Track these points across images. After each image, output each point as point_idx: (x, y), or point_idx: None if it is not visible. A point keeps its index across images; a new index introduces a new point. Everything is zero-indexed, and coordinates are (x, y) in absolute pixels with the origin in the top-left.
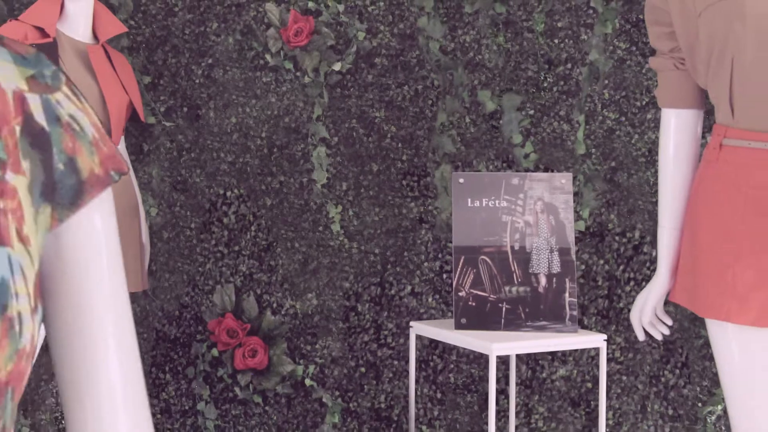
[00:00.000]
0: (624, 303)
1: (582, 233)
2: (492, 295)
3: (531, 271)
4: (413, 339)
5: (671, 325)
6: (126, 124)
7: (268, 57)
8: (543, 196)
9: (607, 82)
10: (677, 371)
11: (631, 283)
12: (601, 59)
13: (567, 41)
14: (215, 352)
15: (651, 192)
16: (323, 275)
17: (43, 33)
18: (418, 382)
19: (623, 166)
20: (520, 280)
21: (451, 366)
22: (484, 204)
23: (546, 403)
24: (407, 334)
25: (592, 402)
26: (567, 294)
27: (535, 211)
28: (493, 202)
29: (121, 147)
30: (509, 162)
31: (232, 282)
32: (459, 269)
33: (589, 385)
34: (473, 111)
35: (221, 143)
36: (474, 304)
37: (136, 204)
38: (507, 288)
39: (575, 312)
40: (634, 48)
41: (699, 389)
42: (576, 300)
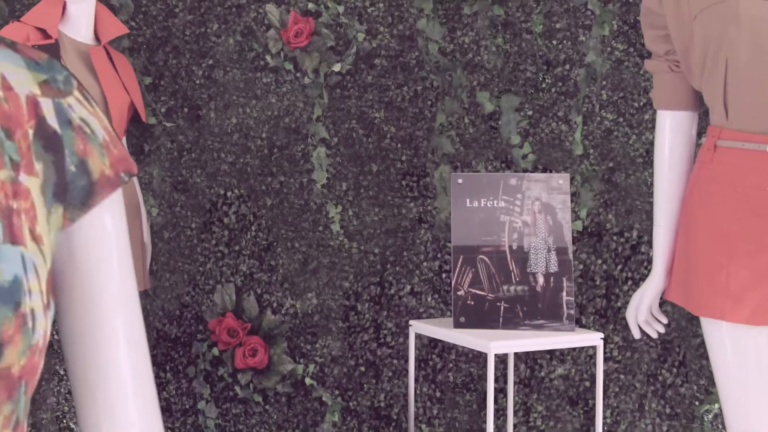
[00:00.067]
0: (622, 302)
1: (580, 233)
2: (490, 294)
3: (529, 271)
4: (412, 338)
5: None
6: (127, 124)
7: (268, 58)
8: (541, 196)
9: (605, 83)
10: (674, 370)
11: (629, 283)
12: (599, 61)
13: (565, 42)
14: (216, 351)
15: (648, 192)
16: (323, 275)
17: (45, 34)
18: (417, 380)
19: (621, 166)
20: (518, 279)
21: (450, 365)
22: (482, 204)
23: (544, 402)
24: (407, 333)
25: (590, 401)
26: (564, 293)
27: (533, 211)
28: (492, 202)
29: None
30: (508, 162)
31: (232, 281)
32: (458, 269)
33: (587, 384)
34: (472, 112)
35: (222, 143)
36: (472, 303)
37: (137, 204)
38: (505, 287)
39: (572, 311)
40: (631, 49)
41: (696, 388)
42: (573, 299)
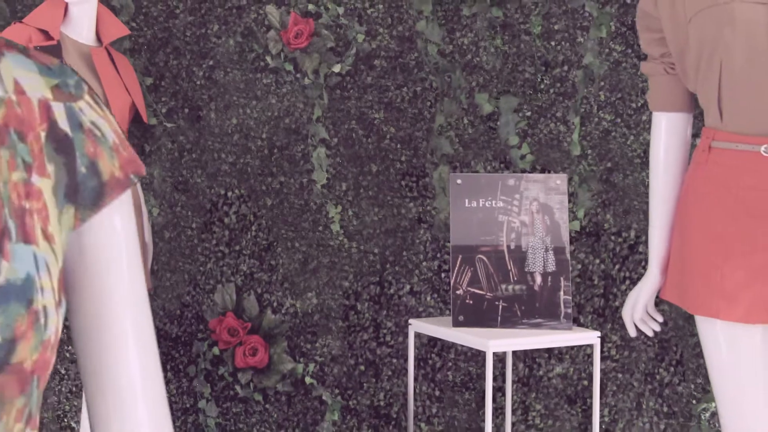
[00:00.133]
0: (619, 302)
1: (578, 233)
2: (489, 294)
3: (527, 270)
4: (412, 336)
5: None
6: (128, 125)
7: (268, 59)
8: (538, 196)
9: (603, 84)
10: (672, 369)
11: (627, 282)
12: (596, 62)
13: (563, 44)
14: (216, 350)
15: (646, 192)
16: (323, 274)
17: (47, 36)
18: (416, 379)
19: (619, 166)
20: (516, 278)
21: (450, 364)
22: (481, 204)
23: (543, 401)
24: (406, 332)
25: (588, 399)
26: (562, 292)
27: (531, 211)
28: (490, 202)
29: None
30: (506, 163)
31: (232, 281)
32: (456, 268)
33: (585, 383)
34: (471, 113)
35: (222, 144)
36: (471, 302)
37: (138, 204)
38: (503, 286)
39: (570, 310)
40: (629, 50)
41: (693, 387)
42: (570, 298)
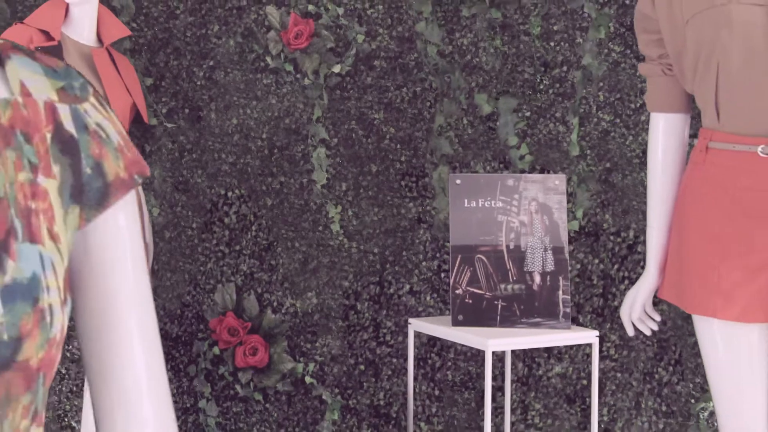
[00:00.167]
0: (618, 301)
1: (577, 233)
2: (488, 293)
3: (526, 270)
4: (411, 336)
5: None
6: (129, 125)
7: (268, 59)
8: (537, 196)
9: (602, 84)
10: (671, 368)
11: (626, 282)
12: (595, 63)
13: (563, 44)
14: (216, 350)
15: (645, 192)
16: (323, 274)
17: (48, 36)
18: (416, 379)
19: (618, 167)
20: (515, 278)
21: (449, 363)
22: (480, 204)
23: (542, 400)
24: (406, 332)
25: (587, 399)
26: (560, 291)
27: (530, 211)
28: (489, 202)
29: None
30: (506, 163)
31: (233, 281)
32: (456, 268)
33: (585, 382)
34: (470, 113)
35: (222, 144)
36: (470, 301)
37: (139, 204)
38: (502, 286)
39: (568, 309)
40: (628, 51)
41: (692, 386)
42: (569, 297)
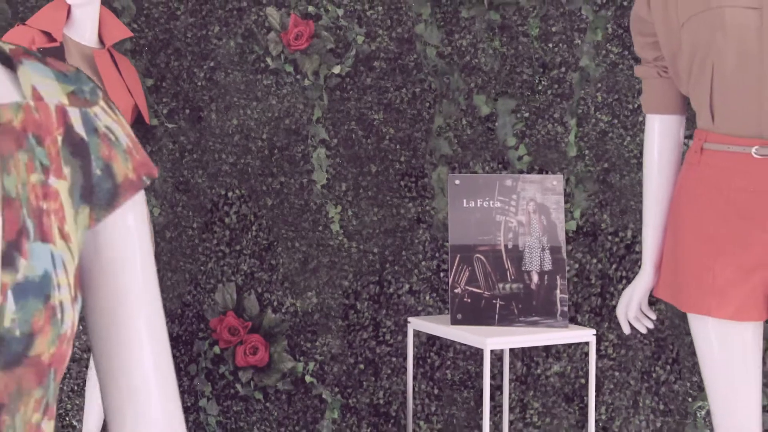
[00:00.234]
0: (616, 301)
1: (576, 233)
2: (486, 292)
3: (524, 269)
4: (411, 334)
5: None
6: (130, 126)
7: (268, 60)
8: (535, 196)
9: (600, 85)
10: (668, 367)
11: (623, 282)
12: (592, 65)
13: (561, 46)
14: (217, 349)
15: (642, 192)
16: (323, 274)
17: (50, 37)
18: (415, 378)
19: (616, 167)
20: (513, 277)
21: (448, 362)
22: (478, 204)
23: (540, 399)
24: (405, 331)
25: (585, 397)
26: (558, 290)
27: (528, 211)
28: (488, 202)
29: None
30: (504, 163)
31: (233, 281)
32: (455, 267)
33: (583, 381)
34: (469, 114)
35: (223, 144)
36: (469, 300)
37: None
38: (501, 285)
39: (566, 308)
40: (626, 52)
41: (689, 385)
42: (567, 296)
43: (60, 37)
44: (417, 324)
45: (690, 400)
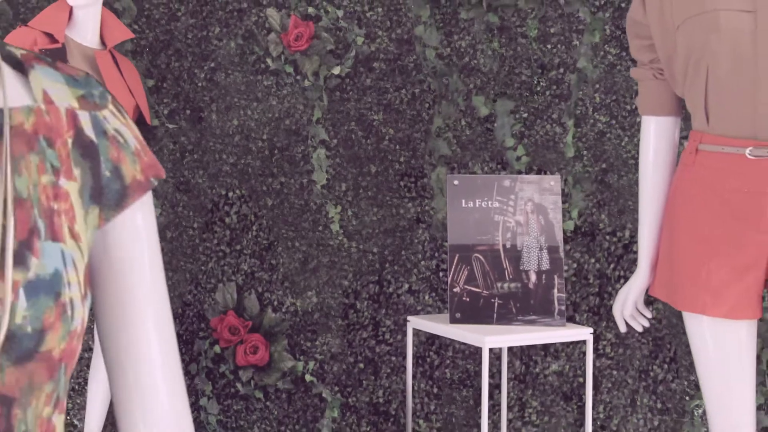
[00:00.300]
0: (614, 300)
1: (574, 232)
2: (485, 291)
3: (522, 268)
4: (410, 333)
5: (657, 320)
6: None
7: (269, 61)
8: (533, 197)
9: (598, 86)
10: (665, 366)
11: (621, 281)
12: (589, 67)
13: (559, 47)
14: (217, 348)
15: None
16: (323, 273)
17: (52, 39)
18: (415, 377)
19: (613, 167)
20: (511, 276)
21: (447, 361)
22: (477, 205)
23: (539, 398)
24: (404, 330)
25: (583, 396)
26: (555, 290)
27: (526, 212)
28: (486, 202)
29: None
30: (503, 164)
31: (233, 280)
32: (454, 266)
33: (581, 380)
34: (468, 115)
35: (223, 145)
36: (468, 299)
37: None
38: (499, 284)
39: (563, 307)
40: (624, 53)
41: (687, 383)
42: (564, 295)
43: (62, 39)
44: (416, 323)
45: (687, 398)
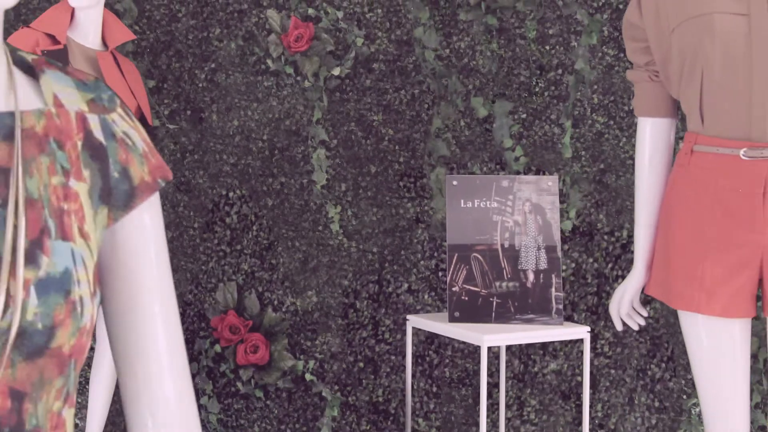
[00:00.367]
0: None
1: (572, 232)
2: (483, 290)
3: (520, 268)
4: (410, 332)
5: (653, 319)
6: None
7: (269, 62)
8: (531, 197)
9: (596, 87)
10: (663, 365)
11: (619, 281)
12: (587, 68)
13: (558, 48)
14: (218, 348)
15: None
16: (323, 273)
17: (54, 40)
18: (414, 376)
19: (612, 168)
20: (509, 275)
21: (447, 361)
22: (476, 205)
23: (538, 396)
24: (404, 329)
25: (581, 395)
26: (553, 289)
27: (524, 212)
28: (485, 203)
29: None
30: (502, 164)
31: (234, 280)
32: (452, 266)
33: (579, 379)
34: (467, 116)
35: (224, 145)
36: (467, 298)
37: None
38: (497, 283)
39: (561, 305)
40: (622, 55)
41: (684, 382)
42: (561, 294)
43: (64, 40)
44: (416, 321)
45: (684, 397)
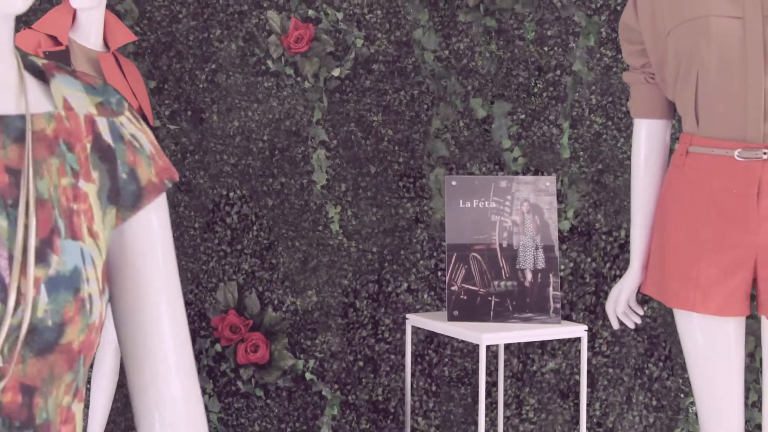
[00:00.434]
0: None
1: (570, 232)
2: (482, 289)
3: (518, 267)
4: (409, 331)
5: (651, 318)
6: None
7: (269, 63)
8: (529, 197)
9: (594, 88)
10: (661, 364)
11: (617, 280)
12: (585, 69)
13: (556, 49)
14: (218, 347)
15: None
16: (323, 273)
17: (56, 41)
18: (414, 375)
19: (609, 168)
20: (507, 275)
21: (446, 360)
22: (474, 205)
23: (536, 395)
24: (404, 329)
25: (579, 394)
26: (551, 288)
27: (522, 212)
28: (483, 203)
29: None
30: (500, 165)
31: (234, 280)
32: (451, 265)
33: (577, 378)
34: (466, 116)
35: (224, 146)
36: (465, 297)
37: None
38: (496, 282)
39: (558, 305)
40: (619, 56)
41: (681, 381)
42: (559, 293)
43: (65, 41)
44: (415, 320)
45: (682, 396)
